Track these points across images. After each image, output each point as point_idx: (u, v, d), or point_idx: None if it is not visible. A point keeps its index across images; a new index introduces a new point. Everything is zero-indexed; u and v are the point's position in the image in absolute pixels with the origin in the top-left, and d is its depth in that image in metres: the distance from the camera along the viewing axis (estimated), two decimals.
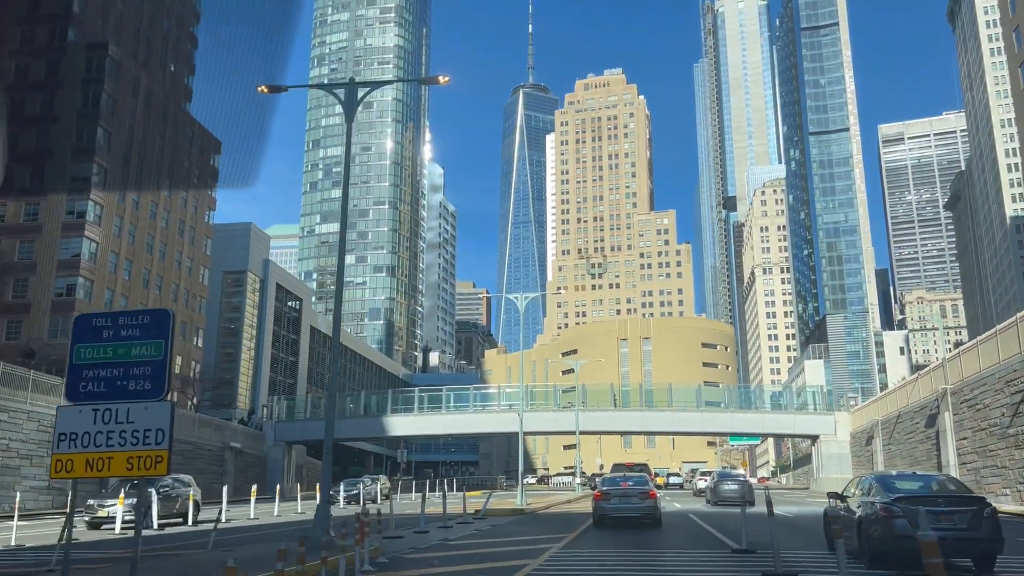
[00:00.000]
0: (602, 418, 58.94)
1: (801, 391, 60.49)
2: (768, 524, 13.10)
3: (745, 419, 57.61)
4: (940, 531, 10.99)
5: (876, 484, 13.48)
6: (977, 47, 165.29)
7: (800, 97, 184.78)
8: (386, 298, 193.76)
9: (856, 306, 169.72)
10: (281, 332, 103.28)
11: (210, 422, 53.50)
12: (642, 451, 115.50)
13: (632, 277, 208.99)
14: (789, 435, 58.84)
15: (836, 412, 56.43)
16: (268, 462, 60.02)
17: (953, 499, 12.65)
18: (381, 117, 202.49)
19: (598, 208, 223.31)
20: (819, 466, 56.33)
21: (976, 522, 12.01)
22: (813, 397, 57.98)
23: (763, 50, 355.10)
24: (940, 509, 12.15)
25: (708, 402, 56.80)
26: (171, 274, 72.10)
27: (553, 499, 39.03)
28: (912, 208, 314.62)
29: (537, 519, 25.70)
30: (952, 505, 12.36)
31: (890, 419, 45.95)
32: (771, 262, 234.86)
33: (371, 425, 60.29)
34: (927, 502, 12.24)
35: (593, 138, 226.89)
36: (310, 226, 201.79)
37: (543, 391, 60.92)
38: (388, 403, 60.10)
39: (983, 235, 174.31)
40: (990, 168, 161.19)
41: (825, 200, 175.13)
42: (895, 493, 12.79)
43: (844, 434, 55.87)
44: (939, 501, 12.49)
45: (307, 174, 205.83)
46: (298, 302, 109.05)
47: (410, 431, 60.43)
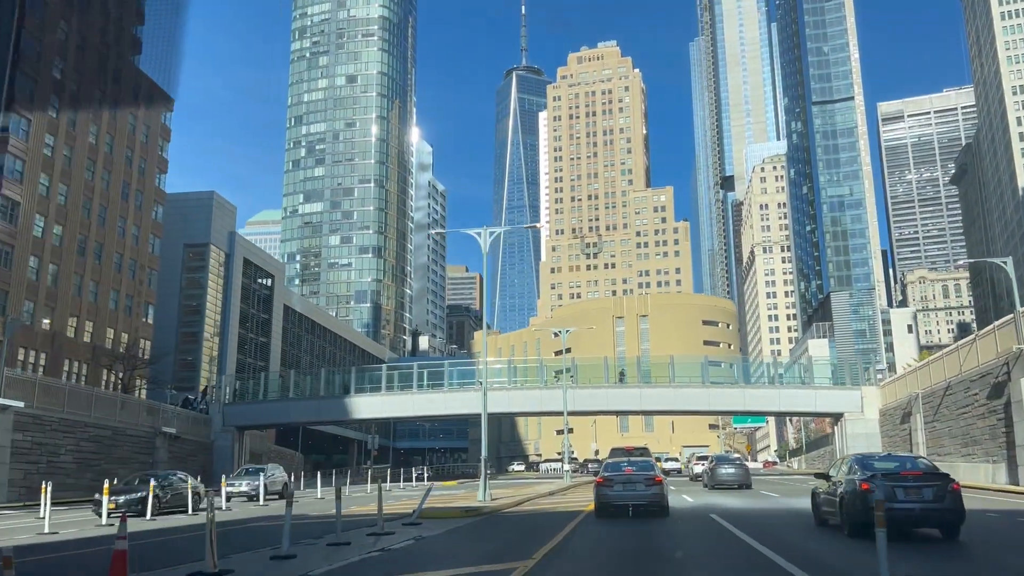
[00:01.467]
0: (595, 396, 51.67)
1: (816, 364, 53.18)
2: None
3: (757, 396, 50.37)
4: (910, 503, 13.70)
5: (856, 464, 15.16)
6: (987, 11, 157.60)
7: (802, 66, 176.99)
8: (373, 280, 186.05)
9: (862, 283, 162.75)
10: (250, 311, 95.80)
11: (138, 404, 46.08)
12: (640, 435, 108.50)
13: (628, 256, 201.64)
14: (809, 413, 51.73)
15: (863, 386, 49.21)
16: (216, 450, 52.62)
17: (922, 476, 14.16)
18: (366, 92, 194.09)
19: (592, 186, 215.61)
20: (843, 448, 49.09)
21: (940, 495, 13.74)
22: (834, 370, 50.68)
23: (760, 26, 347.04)
24: (909, 484, 13.88)
25: (714, 380, 49.53)
26: (113, 241, 64.45)
27: (531, 491, 31.63)
28: (912, 187, 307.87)
29: (495, 525, 18.37)
30: (920, 481, 13.91)
31: (935, 391, 38.71)
32: (771, 241, 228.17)
33: (331, 407, 52.96)
34: (898, 479, 14.01)
35: (587, 113, 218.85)
36: (293, 206, 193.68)
37: (528, 367, 53.62)
38: (351, 381, 52.72)
39: (992, 208, 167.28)
40: (1001, 137, 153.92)
41: (829, 173, 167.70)
42: (871, 471, 14.41)
43: (872, 411, 48.68)
44: (909, 478, 14.03)
45: (289, 152, 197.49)
46: (269, 279, 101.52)
47: (376, 413, 53.09)
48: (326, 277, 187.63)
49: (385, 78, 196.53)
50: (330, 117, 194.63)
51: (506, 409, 52.19)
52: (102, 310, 62.40)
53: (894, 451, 46.83)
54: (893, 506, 13.30)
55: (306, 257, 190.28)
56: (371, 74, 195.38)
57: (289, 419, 54.85)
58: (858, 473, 14.54)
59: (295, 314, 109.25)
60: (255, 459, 59.86)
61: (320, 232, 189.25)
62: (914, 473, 14.32)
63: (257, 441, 61.90)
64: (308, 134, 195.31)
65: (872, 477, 14.07)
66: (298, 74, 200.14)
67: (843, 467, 15.87)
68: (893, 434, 45.81)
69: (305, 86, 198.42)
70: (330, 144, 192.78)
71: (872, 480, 13.97)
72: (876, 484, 13.77)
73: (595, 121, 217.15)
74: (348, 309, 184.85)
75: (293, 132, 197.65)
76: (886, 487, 13.69)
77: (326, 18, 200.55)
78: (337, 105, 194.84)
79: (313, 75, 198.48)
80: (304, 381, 55.90)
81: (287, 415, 54.21)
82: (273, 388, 56.42)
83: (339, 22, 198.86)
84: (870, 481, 13.94)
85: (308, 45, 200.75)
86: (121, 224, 65.83)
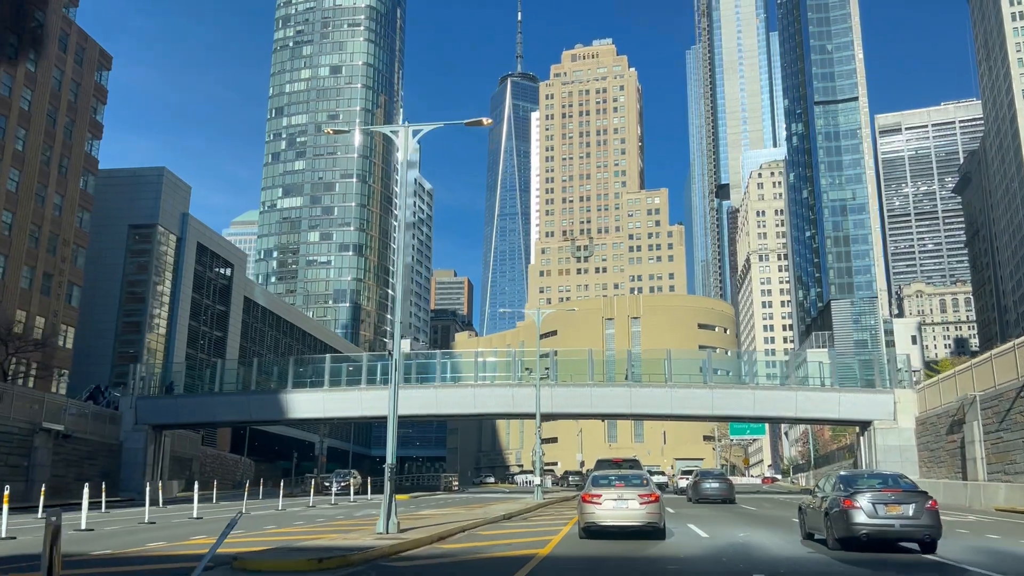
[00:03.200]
0: (577, 396, 43.48)
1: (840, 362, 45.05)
2: None
3: (770, 398, 42.24)
4: (891, 519, 14.61)
5: (840, 481, 16.19)
6: (998, 13, 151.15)
7: (805, 66, 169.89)
8: (353, 279, 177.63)
9: (864, 291, 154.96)
10: (204, 302, 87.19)
11: (12, 392, 37.51)
12: (629, 446, 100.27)
13: (620, 260, 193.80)
14: (831, 421, 43.69)
15: (896, 389, 41.11)
16: (125, 453, 44.07)
17: (902, 493, 15.18)
18: (350, 83, 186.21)
19: (585, 187, 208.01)
20: (871, 464, 40.97)
21: (919, 512, 14.64)
22: (859, 369, 42.60)
23: (759, 33, 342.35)
24: (890, 501, 14.86)
25: (718, 379, 41.28)
26: (28, 211, 55.95)
27: (477, 514, 23.10)
28: (909, 200, 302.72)
29: None
30: (901, 498, 14.93)
31: (1001, 393, 30.63)
32: (767, 248, 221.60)
33: (263, 404, 44.54)
34: (880, 496, 15.00)
35: (580, 112, 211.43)
36: (271, 200, 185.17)
37: (499, 361, 45.42)
38: (289, 374, 44.21)
39: (999, 218, 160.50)
40: (1010, 144, 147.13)
41: (831, 176, 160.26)
42: (854, 488, 15.40)
43: (907, 419, 40.63)
44: (890, 495, 15.07)
45: (269, 144, 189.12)
46: (228, 268, 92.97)
47: (317, 412, 44.62)
48: (304, 275, 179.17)
49: (371, 69, 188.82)
50: (312, 109, 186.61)
51: (472, 410, 44.04)
52: (10, 288, 53.85)
53: (935, 468, 38.65)
54: (875, 522, 14.57)
55: (283, 254, 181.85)
56: (356, 65, 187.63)
57: (214, 418, 46.43)
58: (842, 490, 15.53)
59: (257, 308, 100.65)
60: (180, 464, 51.30)
61: (299, 228, 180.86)
62: (895, 491, 15.31)
63: (185, 443, 53.31)
64: (289, 126, 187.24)
65: (855, 494, 15.03)
66: (280, 64, 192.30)
67: (828, 483, 16.96)
68: (935, 447, 37.68)
69: (287, 76, 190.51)
70: (312, 137, 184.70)
71: (855, 497, 14.94)
72: (859, 501, 14.80)
73: (588, 120, 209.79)
74: (326, 309, 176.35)
75: (273, 124, 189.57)
76: (869, 504, 14.72)
77: (311, 6, 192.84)
78: (320, 96, 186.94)
79: (296, 65, 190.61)
80: (238, 373, 47.28)
81: (212, 413, 45.75)
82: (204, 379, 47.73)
83: (324, 10, 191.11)
84: (853, 498, 14.92)
85: (292, 34, 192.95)
86: (40, 192, 57.37)
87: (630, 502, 16.74)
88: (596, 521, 16.87)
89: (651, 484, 17.77)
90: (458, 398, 43.59)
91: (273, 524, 22.04)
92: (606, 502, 16.83)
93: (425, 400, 43.78)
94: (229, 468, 63.90)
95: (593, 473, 20.93)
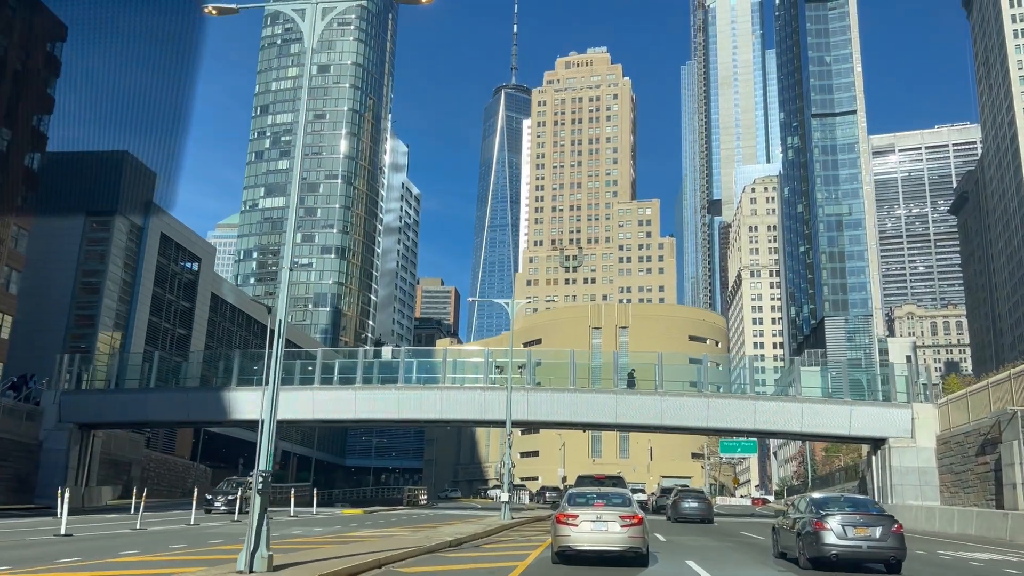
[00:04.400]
0: (556, 403, 38.69)
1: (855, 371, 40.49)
2: None
3: (773, 410, 37.58)
4: (859, 540, 15.47)
5: (812, 504, 17.11)
6: (999, 30, 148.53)
7: (802, 78, 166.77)
8: (334, 283, 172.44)
9: (859, 308, 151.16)
10: (167, 296, 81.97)
11: None
12: (614, 461, 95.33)
13: (609, 271, 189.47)
14: (840, 438, 38.96)
15: (915, 403, 36.52)
16: (44, 454, 38.88)
17: (870, 517, 16.05)
18: (338, 82, 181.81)
19: (575, 196, 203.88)
20: (884, 488, 36.33)
21: (886, 535, 15.52)
22: (870, 382, 38.03)
23: (755, 49, 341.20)
24: (859, 524, 15.74)
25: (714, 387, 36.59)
26: None
27: (406, 544, 17.84)
28: (901, 223, 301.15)
29: None
30: (869, 522, 15.80)
31: None
32: (759, 264, 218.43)
33: (204, 403, 39.49)
34: (849, 519, 15.83)
35: (573, 120, 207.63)
36: (253, 199, 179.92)
37: (477, 363, 40.53)
38: (234, 370, 39.22)
39: (996, 238, 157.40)
40: (1010, 162, 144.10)
41: (827, 190, 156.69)
42: (825, 511, 16.25)
43: (927, 438, 36.05)
44: (859, 518, 15.92)
45: (253, 143, 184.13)
46: (195, 263, 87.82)
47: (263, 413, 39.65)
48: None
49: (360, 70, 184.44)
50: (299, 107, 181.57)
51: (438, 415, 39.15)
52: None
53: (960, 494, 34.03)
54: (845, 543, 15.54)
55: (264, 255, 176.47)
56: (345, 64, 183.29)
57: (147, 416, 41.30)
58: (814, 512, 16.47)
59: (226, 306, 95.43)
60: (116, 469, 46.08)
61: (280, 228, 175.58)
62: (864, 514, 16.26)
63: (124, 446, 48.06)
64: (274, 124, 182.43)
65: (826, 516, 15.96)
66: (267, 61, 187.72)
67: (801, 505, 18.01)
68: (961, 470, 33.03)
69: (274, 74, 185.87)
70: (296, 136, 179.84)
71: (826, 519, 15.86)
72: (830, 523, 15.73)
73: (581, 128, 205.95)
74: (306, 313, 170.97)
75: (258, 122, 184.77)
76: (839, 526, 15.66)
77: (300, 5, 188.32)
78: (307, 96, 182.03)
79: (283, 63, 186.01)
80: (157, 367, 41.95)
81: (145, 412, 40.65)
82: (143, 373, 42.47)
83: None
84: (824, 520, 15.87)
85: (280, 32, 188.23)
86: None
87: (610, 524, 15.25)
88: (571, 545, 15.33)
89: (634, 504, 16.14)
90: (422, 401, 38.73)
91: (137, 549, 17.22)
92: (583, 523, 15.29)
93: (385, 403, 38.87)
94: (179, 474, 58.66)
95: (570, 490, 18.86)
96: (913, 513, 32.67)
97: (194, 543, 18.92)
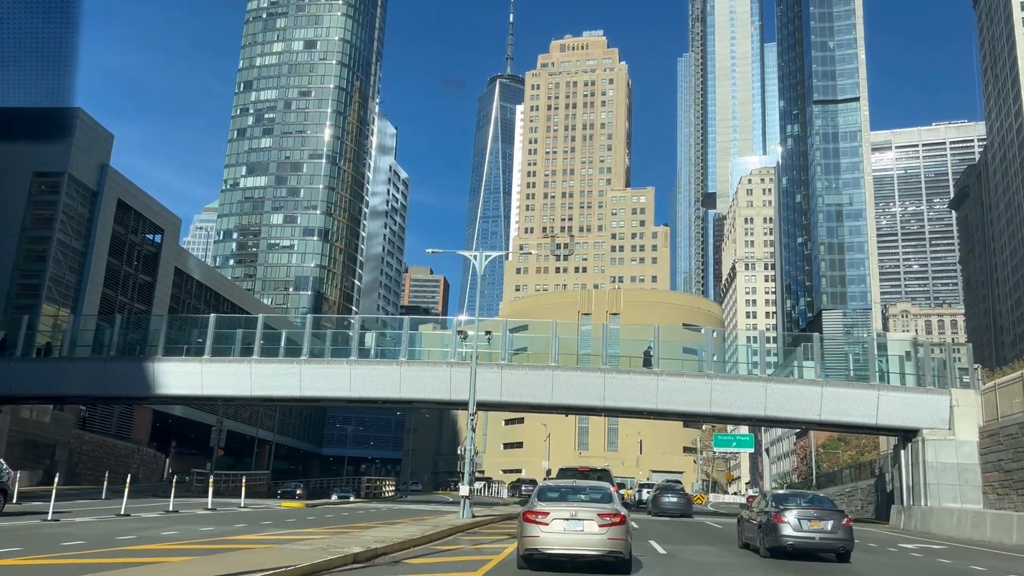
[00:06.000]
0: (535, 381, 33.15)
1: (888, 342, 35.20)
2: None
3: (788, 395, 32.14)
4: (813, 532, 17.25)
5: (772, 500, 18.91)
6: (1008, 18, 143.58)
7: (804, 64, 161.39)
8: (316, 266, 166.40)
9: (857, 302, 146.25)
10: (124, 269, 75.97)
11: None
12: (601, 454, 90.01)
13: (601, 260, 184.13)
14: (865, 428, 33.37)
15: (953, 389, 31.13)
16: None
17: (823, 511, 17.89)
18: (325, 59, 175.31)
19: (568, 183, 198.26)
20: (916, 487, 30.92)
21: (836, 528, 17.29)
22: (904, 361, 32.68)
23: (753, 40, 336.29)
24: (813, 517, 17.52)
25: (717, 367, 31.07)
26: None
27: (279, 563, 12.15)
28: (896, 220, 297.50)
29: None
30: (822, 516, 17.60)
31: None
32: (755, 257, 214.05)
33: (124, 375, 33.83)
34: (805, 513, 17.67)
35: (567, 105, 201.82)
36: (234, 178, 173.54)
37: (434, 335, 34.84)
38: (161, 338, 33.47)
39: (998, 233, 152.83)
40: (1016, 154, 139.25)
41: (827, 179, 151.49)
42: (784, 505, 18.17)
43: (968, 430, 30.73)
44: (813, 513, 17.73)
45: (235, 120, 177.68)
46: (158, 234, 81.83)
47: (193, 389, 33.86)
48: (264, 259, 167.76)
49: (348, 46, 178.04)
50: (283, 84, 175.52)
51: (397, 394, 33.57)
52: None
53: (1010, 495, 28.65)
54: (800, 535, 17.31)
55: (244, 236, 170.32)
56: (332, 40, 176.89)
57: (60, 390, 35.54)
58: (774, 507, 18.23)
59: (191, 282, 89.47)
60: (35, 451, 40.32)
61: (261, 208, 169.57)
62: (817, 509, 18.03)
63: (46, 425, 42.24)
64: (257, 101, 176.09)
65: (784, 511, 17.74)
66: (252, 36, 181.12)
67: (763, 500, 19.58)
68: (1014, 467, 27.64)
69: (259, 49, 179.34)
70: (280, 113, 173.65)
71: (784, 513, 17.65)
72: (787, 516, 17.53)
73: (575, 114, 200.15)
74: (286, 296, 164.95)
75: (241, 98, 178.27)
76: (795, 519, 17.45)
77: None
78: (292, 71, 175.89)
79: (268, 38, 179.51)
80: (106, 332, 36.25)
81: (57, 384, 34.95)
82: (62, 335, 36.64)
83: None
84: (782, 514, 17.64)
85: (265, 5, 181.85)
86: None
87: (587, 523, 13.51)
88: (540, 547, 13.59)
89: (615, 500, 14.37)
90: (378, 378, 33.14)
91: None
92: (555, 522, 13.56)
93: (335, 379, 33.26)
94: (121, 459, 52.96)
95: (541, 483, 17.00)
96: (955, 518, 27.28)
97: None
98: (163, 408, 77.54)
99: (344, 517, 25.76)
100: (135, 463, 54.58)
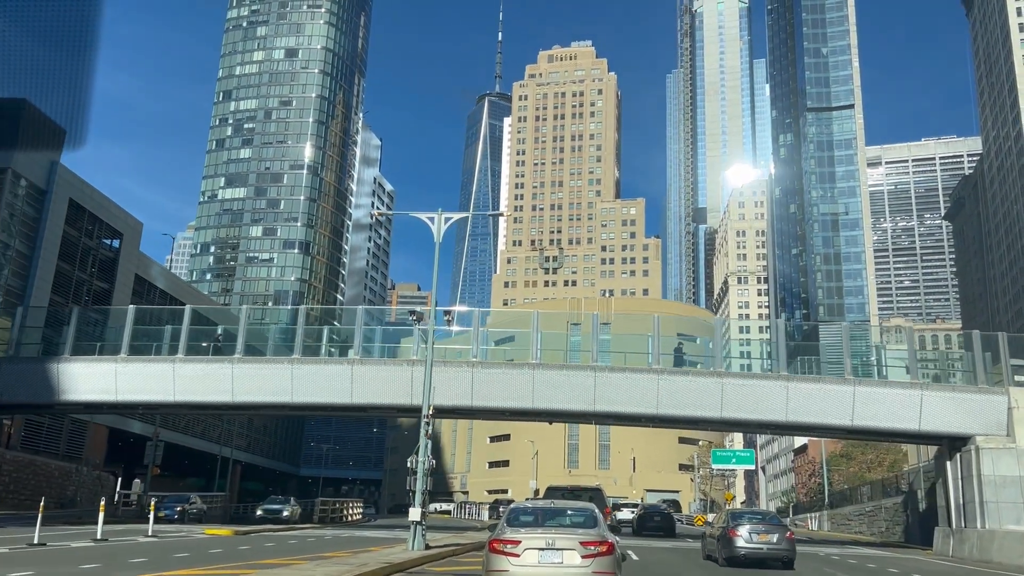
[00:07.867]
0: (513, 382, 27.88)
1: None
2: None
3: (809, 396, 26.97)
4: (761, 544, 20.59)
5: (729, 516, 22.18)
6: (1003, 24, 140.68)
7: (797, 71, 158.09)
8: (297, 279, 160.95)
9: (855, 314, 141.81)
10: (76, 274, 70.25)
11: None
12: (592, 472, 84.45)
13: (591, 273, 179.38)
14: (905, 435, 28.30)
15: (1011, 387, 26.03)
16: None
17: (771, 526, 21.34)
18: (307, 68, 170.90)
19: (556, 195, 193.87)
20: (971, 506, 25.62)
21: (781, 540, 20.72)
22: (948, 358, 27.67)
23: (742, 55, 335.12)
24: (762, 531, 20.86)
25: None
26: None
27: None
28: (887, 236, 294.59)
29: None
30: (770, 530, 21.02)
31: None
32: (747, 270, 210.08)
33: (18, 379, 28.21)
34: (755, 528, 20.99)
35: (555, 116, 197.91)
36: (212, 190, 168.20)
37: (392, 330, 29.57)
38: (69, 335, 27.99)
39: (995, 245, 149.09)
40: (1014, 162, 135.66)
41: (822, 188, 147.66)
42: (738, 521, 21.48)
43: None
44: (762, 527, 21.05)
45: (214, 130, 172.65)
46: (116, 239, 76.18)
47: (106, 394, 28.39)
48: (243, 273, 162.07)
49: (331, 55, 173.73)
50: (264, 93, 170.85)
51: (347, 399, 28.23)
52: None
53: None
54: (751, 546, 20.60)
55: (222, 248, 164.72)
56: (315, 49, 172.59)
57: None
58: (730, 522, 21.40)
59: (155, 291, 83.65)
60: None
61: (240, 220, 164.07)
62: (766, 524, 21.37)
63: None
64: (237, 111, 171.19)
65: (738, 526, 21.04)
66: (232, 44, 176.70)
67: (722, 517, 22.92)
68: None
69: (239, 58, 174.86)
70: (261, 123, 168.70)
71: (738, 527, 20.95)
72: (740, 530, 20.80)
73: (563, 125, 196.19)
74: (265, 312, 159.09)
75: (220, 108, 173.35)
76: (747, 532, 20.73)
77: None
78: (273, 80, 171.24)
79: (249, 46, 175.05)
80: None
81: None
82: None
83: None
84: (736, 528, 20.94)
85: (246, 13, 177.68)
86: None
87: (566, 553, 11.21)
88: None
89: (601, 525, 12.12)
90: (326, 380, 27.77)
91: None
92: (527, 553, 11.28)
93: (276, 382, 27.84)
94: (54, 480, 47.10)
95: (512, 505, 14.02)
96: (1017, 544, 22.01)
97: None
98: (119, 425, 71.73)
99: (267, 549, 20.37)
100: (72, 485, 48.76)
